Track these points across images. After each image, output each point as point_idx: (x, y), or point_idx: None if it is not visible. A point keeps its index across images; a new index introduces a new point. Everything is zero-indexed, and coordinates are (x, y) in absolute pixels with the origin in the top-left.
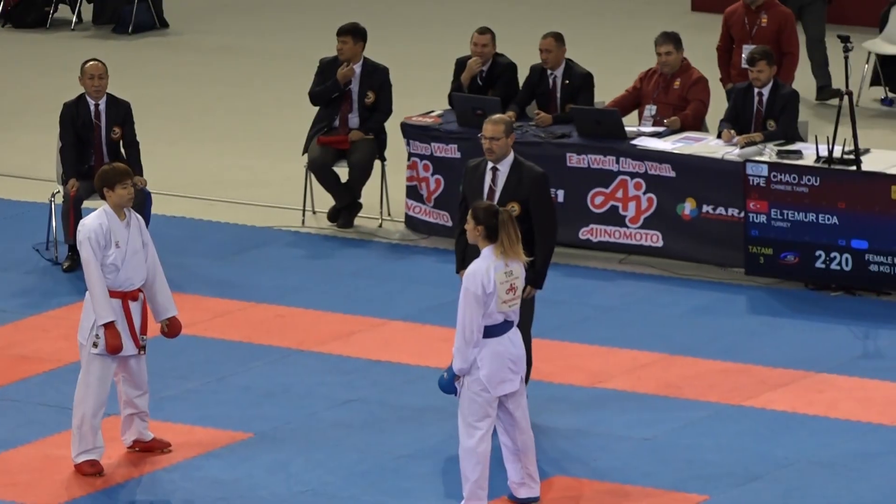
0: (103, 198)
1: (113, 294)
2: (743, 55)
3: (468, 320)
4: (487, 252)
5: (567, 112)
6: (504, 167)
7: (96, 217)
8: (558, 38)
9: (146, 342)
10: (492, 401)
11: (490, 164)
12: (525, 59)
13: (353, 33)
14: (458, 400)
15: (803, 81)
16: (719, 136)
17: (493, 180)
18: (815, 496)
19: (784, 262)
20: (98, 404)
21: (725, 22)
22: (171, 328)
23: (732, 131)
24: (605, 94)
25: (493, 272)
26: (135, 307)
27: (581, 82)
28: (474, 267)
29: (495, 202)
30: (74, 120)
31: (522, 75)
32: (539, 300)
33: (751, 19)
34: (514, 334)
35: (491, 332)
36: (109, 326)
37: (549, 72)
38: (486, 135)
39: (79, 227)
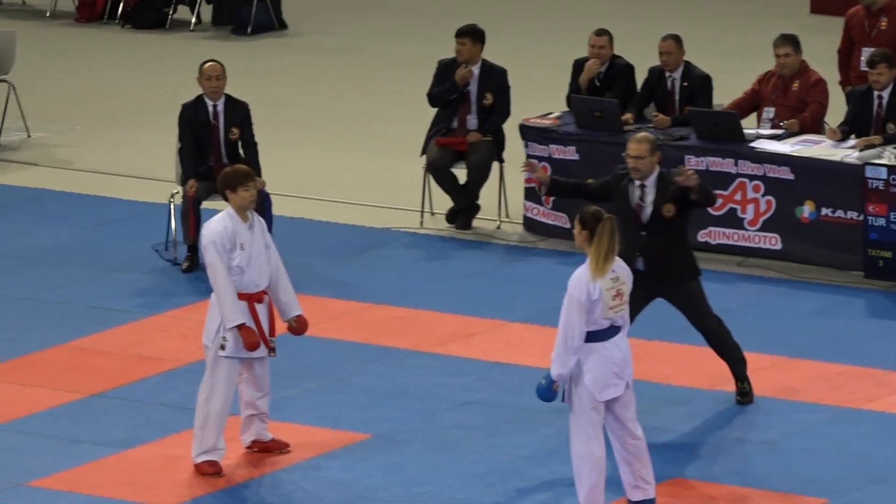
0: (226, 199)
1: (239, 296)
2: (862, 58)
3: (571, 326)
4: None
5: (685, 114)
6: (650, 183)
7: (220, 220)
8: (678, 40)
9: (275, 344)
10: (599, 406)
11: (637, 182)
12: (642, 60)
13: (472, 35)
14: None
15: None
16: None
17: (642, 197)
18: None
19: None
20: (223, 406)
21: (846, 24)
22: (299, 325)
23: (836, 129)
24: (724, 96)
25: (595, 281)
26: (261, 309)
27: (700, 84)
28: (580, 272)
29: (645, 218)
30: (193, 121)
31: (640, 77)
32: (657, 303)
33: (871, 22)
34: (621, 339)
35: (596, 337)
36: (242, 327)
37: (667, 74)
38: (631, 153)
39: (203, 231)
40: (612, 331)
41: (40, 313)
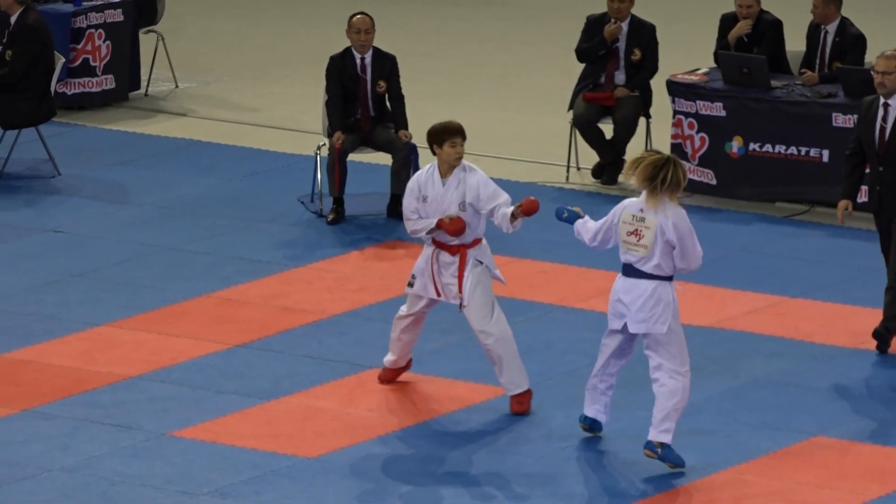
0: (434, 153)
1: (434, 241)
2: None
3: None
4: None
5: (833, 71)
6: (894, 101)
7: (424, 169)
8: None
9: (460, 300)
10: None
11: (882, 101)
12: (790, 14)
13: None
14: (714, 358)
15: None
16: None
17: (885, 117)
18: None
19: None
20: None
21: None
22: (525, 207)
23: None
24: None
25: (624, 209)
26: (445, 262)
27: (852, 42)
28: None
29: (885, 140)
30: (341, 73)
31: (788, 32)
32: (804, 260)
33: None
34: (630, 281)
35: (621, 268)
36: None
37: (822, 27)
38: (878, 69)
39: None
40: (627, 268)
41: (186, 264)
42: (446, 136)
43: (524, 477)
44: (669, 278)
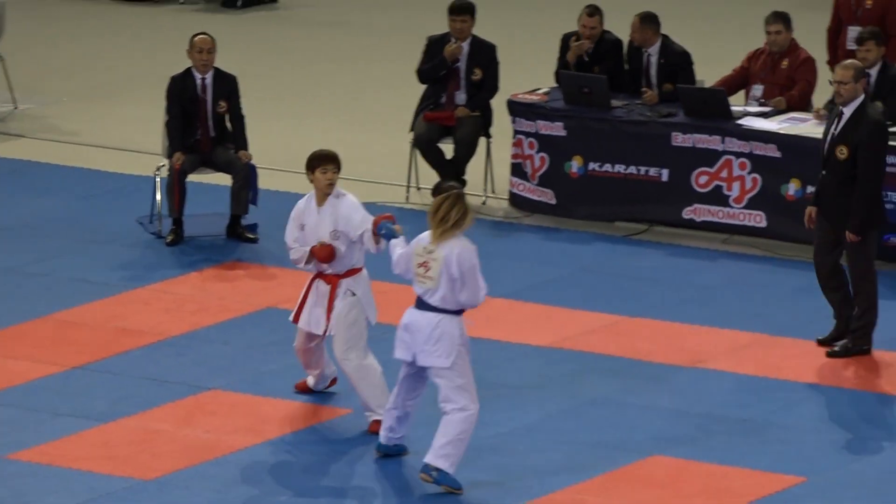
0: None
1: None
2: (848, 36)
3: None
4: None
5: (673, 90)
6: (848, 110)
7: (305, 197)
8: (644, 20)
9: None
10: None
11: (839, 109)
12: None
13: (472, 11)
14: (552, 378)
15: None
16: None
17: (836, 125)
18: None
19: (887, 244)
20: None
21: (835, 3)
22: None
23: (821, 109)
24: (714, 73)
25: (418, 241)
26: (322, 292)
27: (678, 60)
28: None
29: (826, 145)
30: (181, 93)
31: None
32: (641, 279)
33: (856, 1)
34: (418, 313)
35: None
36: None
37: (643, 50)
38: (836, 79)
39: None
40: (417, 300)
41: (23, 285)
42: (318, 162)
43: (359, 495)
44: (457, 312)
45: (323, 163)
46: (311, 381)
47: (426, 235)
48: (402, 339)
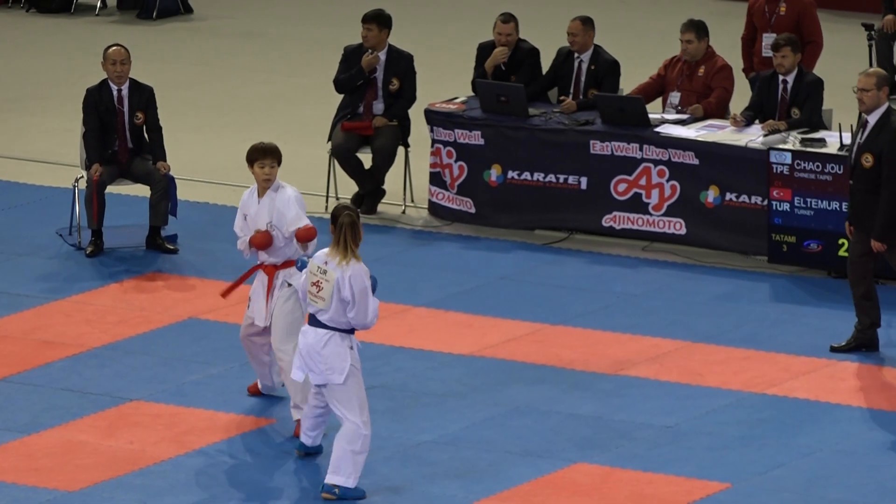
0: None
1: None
2: (763, 44)
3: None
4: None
5: (590, 97)
6: (873, 118)
7: (251, 188)
8: (586, 21)
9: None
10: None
11: (864, 118)
12: (547, 42)
13: (379, 20)
14: (475, 387)
15: (827, 70)
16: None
17: (861, 134)
18: (837, 485)
19: (807, 251)
20: None
21: (749, 11)
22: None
23: (738, 115)
24: (630, 80)
25: (313, 260)
26: (262, 282)
27: (607, 69)
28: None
29: (853, 154)
30: (97, 105)
31: (545, 60)
32: (563, 287)
33: (770, 8)
34: (311, 330)
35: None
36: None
37: (575, 55)
38: (859, 86)
39: None
40: (310, 318)
41: None
42: (256, 155)
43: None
44: (348, 331)
45: (261, 156)
46: (259, 384)
47: (321, 254)
48: (300, 356)
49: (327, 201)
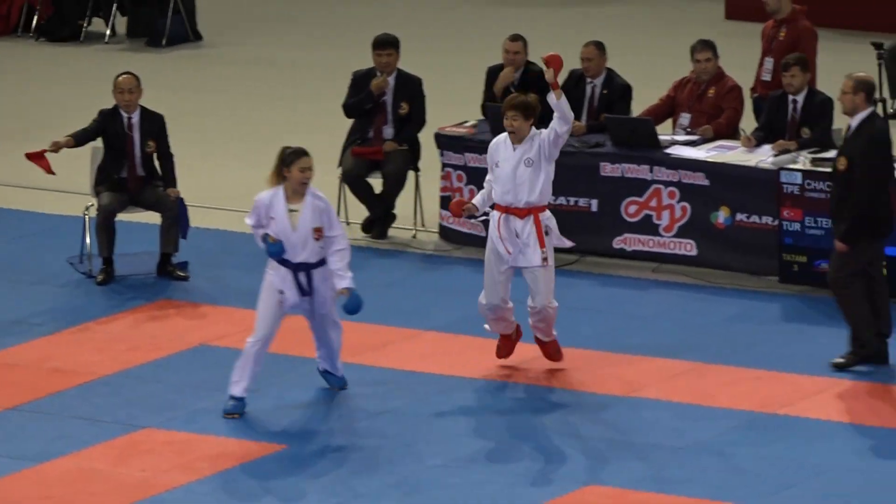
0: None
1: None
2: (763, 68)
3: None
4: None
5: (601, 121)
6: (854, 123)
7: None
8: (600, 46)
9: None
10: None
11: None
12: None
13: (396, 45)
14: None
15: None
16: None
17: (845, 137)
18: None
19: (818, 270)
20: None
21: (762, 34)
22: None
23: (751, 136)
24: (639, 102)
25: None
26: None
27: (620, 93)
28: None
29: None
30: (107, 129)
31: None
32: (574, 309)
33: (773, 33)
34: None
35: None
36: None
37: (588, 80)
38: (841, 88)
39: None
40: None
41: None
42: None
43: None
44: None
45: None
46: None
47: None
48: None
49: None
